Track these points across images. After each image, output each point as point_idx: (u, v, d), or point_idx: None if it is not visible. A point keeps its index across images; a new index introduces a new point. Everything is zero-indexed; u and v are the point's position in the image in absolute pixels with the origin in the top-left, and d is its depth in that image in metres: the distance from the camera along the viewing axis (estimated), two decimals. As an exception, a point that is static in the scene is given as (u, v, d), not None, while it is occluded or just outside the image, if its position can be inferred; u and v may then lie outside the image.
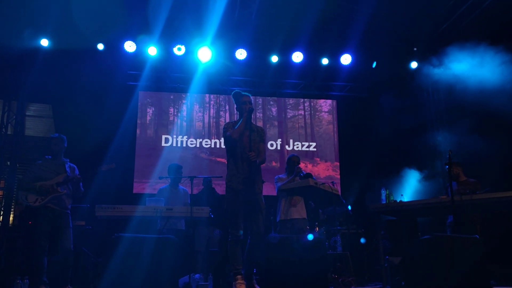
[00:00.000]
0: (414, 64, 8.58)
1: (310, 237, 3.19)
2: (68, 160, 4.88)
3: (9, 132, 7.70)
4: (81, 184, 4.86)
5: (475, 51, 6.89)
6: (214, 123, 8.77)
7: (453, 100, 8.07)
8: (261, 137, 4.33)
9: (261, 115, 8.96)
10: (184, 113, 8.73)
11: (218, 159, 8.41)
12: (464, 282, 3.14)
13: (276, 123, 9.00)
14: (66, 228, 4.64)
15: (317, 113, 9.21)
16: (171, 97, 8.82)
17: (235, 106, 4.43)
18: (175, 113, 8.72)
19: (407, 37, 8.19)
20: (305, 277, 3.23)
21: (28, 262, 4.61)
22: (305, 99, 9.21)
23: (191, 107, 8.80)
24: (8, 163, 7.59)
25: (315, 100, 9.25)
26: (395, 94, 8.42)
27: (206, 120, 8.79)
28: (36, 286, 4.34)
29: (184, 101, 8.77)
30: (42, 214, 4.53)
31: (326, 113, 9.22)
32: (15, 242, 6.23)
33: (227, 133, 4.17)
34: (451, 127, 8.36)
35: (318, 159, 8.95)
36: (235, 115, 8.68)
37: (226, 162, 4.24)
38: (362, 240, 4.10)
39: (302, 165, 6.04)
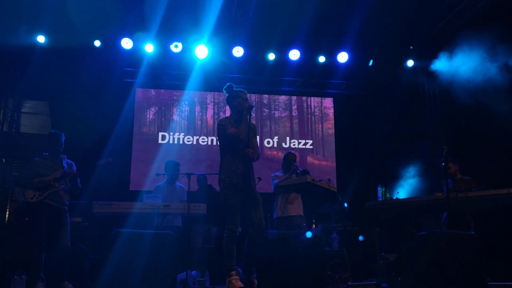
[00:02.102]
0: (410, 63, 8.62)
1: (309, 234, 3.21)
2: (66, 156, 4.88)
3: (4, 129, 7.67)
4: (78, 180, 4.86)
5: (472, 49, 6.94)
6: (211, 121, 8.77)
7: (449, 98, 8.12)
8: (254, 132, 4.38)
9: (258, 112, 8.97)
10: (181, 110, 8.73)
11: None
12: (460, 278, 3.18)
13: (272, 121, 9.01)
14: (63, 224, 4.65)
15: (313, 111, 9.23)
16: (168, 94, 8.81)
17: (226, 98, 4.44)
18: (172, 110, 8.71)
19: (404, 35, 8.22)
20: (303, 273, 3.25)
21: (25, 259, 4.60)
22: (302, 97, 9.22)
23: (188, 104, 8.80)
24: (3, 160, 7.56)
25: (312, 97, 9.27)
26: (391, 92, 8.48)
27: (204, 117, 8.79)
28: (33, 282, 4.35)
29: (181, 98, 8.76)
30: (40, 210, 4.53)
31: (323, 111, 9.25)
32: (11, 239, 6.21)
33: (227, 131, 4.16)
34: (447, 125, 8.42)
35: (314, 156, 8.97)
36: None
37: (223, 159, 4.23)
38: (360, 238, 4.15)
39: (299, 162, 6.06)
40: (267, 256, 3.24)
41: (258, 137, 8.77)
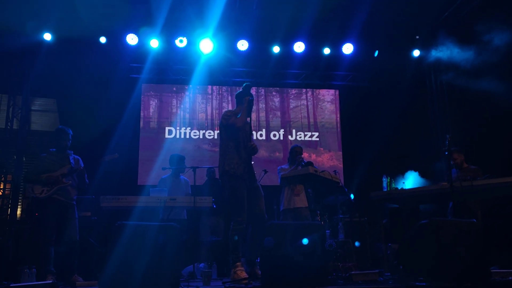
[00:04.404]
0: (416, 53, 8.56)
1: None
2: (72, 152, 4.96)
3: (14, 127, 7.80)
4: (85, 175, 4.93)
5: (477, 38, 6.87)
6: (216, 114, 8.82)
7: (456, 88, 8.05)
8: (251, 128, 4.46)
9: (263, 105, 9.00)
10: (187, 105, 8.79)
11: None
12: (461, 266, 3.18)
13: (278, 113, 9.03)
14: (71, 219, 4.73)
15: (319, 103, 9.22)
16: (174, 89, 8.87)
17: (237, 92, 4.46)
18: (178, 105, 8.77)
19: (409, 25, 8.14)
20: (306, 264, 3.29)
21: (35, 252, 4.71)
22: (307, 89, 9.21)
23: (194, 98, 8.85)
24: (15, 157, 7.69)
25: (317, 90, 9.25)
26: (397, 83, 8.42)
27: (209, 111, 8.84)
28: (43, 275, 4.44)
29: (186, 93, 8.82)
30: (48, 205, 4.61)
31: (329, 103, 9.23)
32: (22, 234, 6.34)
33: (229, 121, 4.19)
34: (453, 115, 8.35)
35: (321, 148, 8.98)
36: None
37: (225, 150, 4.24)
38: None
39: (305, 155, 6.08)
40: (269, 248, 3.27)
41: (264, 129, 8.84)
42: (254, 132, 8.08)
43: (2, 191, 7.37)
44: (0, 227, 6.93)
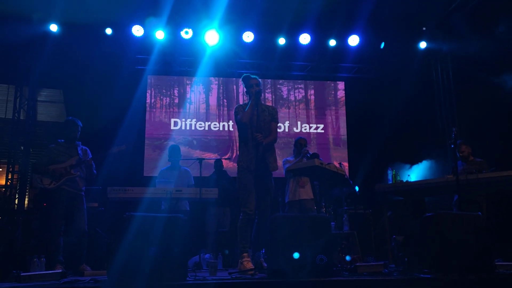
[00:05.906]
0: (423, 44, 8.50)
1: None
2: (80, 143, 5.00)
3: (21, 117, 7.86)
4: (93, 167, 4.98)
5: (485, 29, 6.82)
6: (222, 106, 8.83)
7: (463, 80, 8.01)
8: (272, 116, 4.40)
9: (270, 95, 9.00)
10: (192, 97, 8.79)
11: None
12: (466, 258, 3.21)
13: (284, 106, 9.02)
14: (80, 209, 4.79)
15: (325, 95, 9.20)
16: (179, 80, 8.87)
17: (245, 90, 4.49)
18: (183, 97, 8.78)
19: (416, 17, 8.09)
20: (311, 256, 3.32)
21: (45, 243, 4.78)
22: (313, 81, 9.19)
23: (199, 90, 8.86)
24: (22, 147, 7.76)
25: (323, 82, 9.23)
26: (403, 75, 8.39)
27: (214, 103, 8.85)
28: (52, 265, 4.51)
29: (192, 84, 8.82)
30: (57, 196, 4.68)
31: (334, 95, 9.22)
32: (30, 224, 6.42)
33: (238, 116, 4.26)
34: (461, 106, 8.32)
35: (326, 140, 8.98)
36: (242, 97, 8.74)
37: (239, 144, 4.37)
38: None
39: (310, 146, 6.08)
40: (274, 239, 3.31)
41: (269, 122, 8.82)
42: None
43: (9, 181, 7.44)
44: (8, 217, 7.01)
